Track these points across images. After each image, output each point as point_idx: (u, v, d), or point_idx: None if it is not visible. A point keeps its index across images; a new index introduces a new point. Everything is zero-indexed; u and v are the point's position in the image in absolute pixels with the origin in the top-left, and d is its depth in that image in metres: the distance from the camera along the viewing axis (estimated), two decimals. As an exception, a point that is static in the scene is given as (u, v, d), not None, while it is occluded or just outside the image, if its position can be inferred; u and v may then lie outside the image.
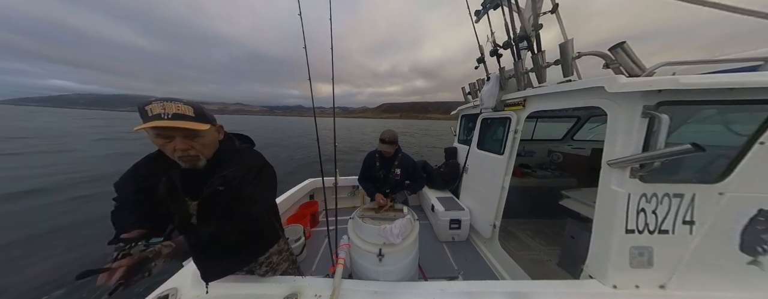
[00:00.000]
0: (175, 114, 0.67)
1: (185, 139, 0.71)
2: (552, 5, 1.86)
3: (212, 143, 0.80)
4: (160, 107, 0.66)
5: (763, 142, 0.88)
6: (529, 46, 1.64)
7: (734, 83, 0.83)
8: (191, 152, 0.73)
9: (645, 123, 0.94)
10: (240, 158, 0.88)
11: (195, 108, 0.71)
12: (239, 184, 0.83)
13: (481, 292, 0.98)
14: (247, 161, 0.89)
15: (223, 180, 0.80)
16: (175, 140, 0.70)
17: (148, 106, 0.66)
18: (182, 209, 0.81)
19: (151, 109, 0.66)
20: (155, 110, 0.65)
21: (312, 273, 1.93)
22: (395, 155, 1.85)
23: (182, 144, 0.71)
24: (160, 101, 0.67)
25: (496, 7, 1.98)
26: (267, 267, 1.09)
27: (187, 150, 0.72)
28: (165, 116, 0.66)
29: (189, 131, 0.70)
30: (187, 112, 0.69)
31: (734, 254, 0.95)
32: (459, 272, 1.90)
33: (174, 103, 0.68)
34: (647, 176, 0.96)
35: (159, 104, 0.66)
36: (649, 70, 0.99)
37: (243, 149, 0.93)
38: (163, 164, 0.79)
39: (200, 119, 0.72)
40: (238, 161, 0.86)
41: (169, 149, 0.72)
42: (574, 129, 3.24)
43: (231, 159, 0.85)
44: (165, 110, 0.66)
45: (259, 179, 0.89)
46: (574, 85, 1.26)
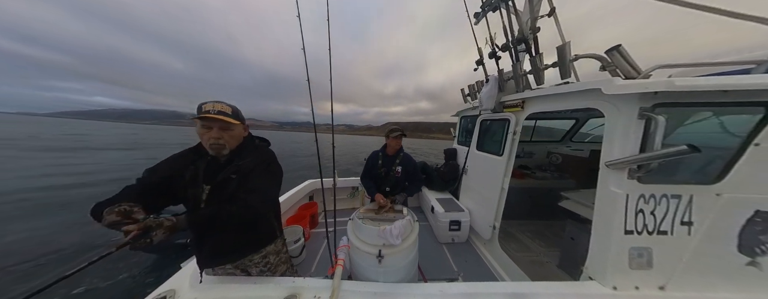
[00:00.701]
0: (219, 111, 0.89)
1: (220, 130, 0.91)
2: (549, 8, 1.89)
3: (238, 137, 0.98)
4: (212, 105, 0.89)
5: (758, 143, 0.89)
6: (527, 49, 1.66)
7: (728, 85, 0.84)
8: (220, 141, 0.91)
9: (642, 124, 0.95)
10: (256, 153, 1.03)
11: (233, 109, 0.93)
12: (248, 174, 0.97)
13: (480, 293, 0.98)
14: (260, 156, 1.04)
15: (237, 169, 0.95)
16: (213, 130, 0.90)
17: (204, 104, 0.89)
18: (197, 194, 0.93)
19: (205, 106, 0.89)
20: (207, 107, 0.88)
21: (311, 274, 1.92)
22: (397, 153, 1.88)
23: (216, 133, 0.90)
24: (212, 101, 0.91)
25: (495, 10, 2.01)
26: (264, 266, 1.10)
27: (218, 139, 0.91)
28: (213, 111, 0.88)
29: (224, 124, 0.91)
30: (227, 111, 0.91)
31: (732, 255, 0.96)
32: (459, 273, 1.89)
33: (220, 103, 0.91)
34: (645, 177, 0.96)
35: (211, 103, 0.90)
36: (645, 72, 1.00)
37: (260, 146, 1.09)
38: (195, 155, 0.96)
39: (235, 117, 0.93)
40: (253, 155, 1.01)
41: (206, 137, 0.90)
42: (572, 130, 3.26)
43: (249, 153, 1.01)
44: (213, 108, 0.89)
45: (266, 172, 1.02)
46: (571, 87, 1.28)
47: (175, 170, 0.93)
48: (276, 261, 1.14)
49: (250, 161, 0.98)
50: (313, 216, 2.62)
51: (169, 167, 0.94)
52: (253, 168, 0.97)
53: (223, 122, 0.90)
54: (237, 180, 0.95)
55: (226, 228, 0.92)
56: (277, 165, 1.06)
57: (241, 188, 0.94)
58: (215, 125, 0.90)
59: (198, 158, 0.96)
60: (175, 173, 0.92)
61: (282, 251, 1.18)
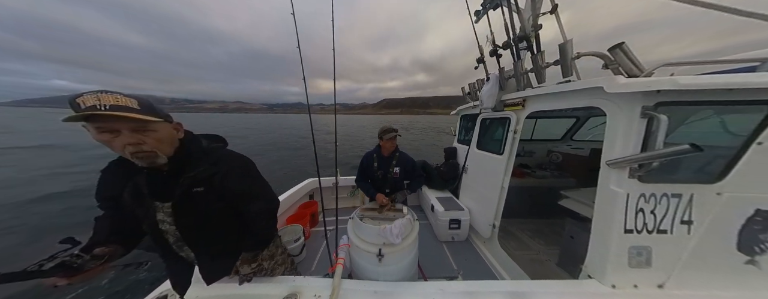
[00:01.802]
0: (113, 106, 0.57)
1: (134, 133, 0.63)
2: (551, 6, 1.87)
3: (168, 139, 0.72)
4: (94, 98, 0.56)
5: (760, 142, 0.89)
6: (528, 47, 1.64)
7: (732, 83, 0.83)
8: (145, 148, 0.65)
9: (644, 123, 0.94)
10: (210, 158, 0.83)
11: (140, 101, 0.63)
12: (224, 184, 0.81)
13: (480, 292, 0.98)
14: (222, 160, 0.85)
15: (194, 181, 0.77)
16: (122, 134, 0.62)
17: (79, 98, 0.56)
18: (149, 215, 0.76)
19: (82, 101, 0.55)
20: (88, 102, 0.55)
21: (311, 273, 1.93)
22: (393, 153, 1.85)
23: (131, 138, 0.63)
24: (94, 92, 0.58)
25: (496, 8, 1.99)
26: (259, 273, 1.08)
27: (139, 145, 0.64)
28: (101, 107, 0.56)
29: (134, 122, 0.61)
30: (130, 104, 0.60)
31: (732, 253, 0.96)
32: (458, 272, 1.90)
33: (111, 94, 0.59)
34: (646, 176, 0.96)
35: (92, 95, 0.57)
36: (648, 70, 0.99)
37: (213, 148, 0.88)
38: (127, 168, 0.73)
39: (147, 112, 0.63)
40: (209, 161, 0.82)
41: (117, 146, 0.63)
42: (573, 129, 3.25)
43: (199, 159, 0.80)
44: (100, 102, 0.56)
45: (249, 176, 0.90)
46: (573, 85, 1.27)
47: (113, 191, 0.75)
48: (271, 266, 1.11)
49: (206, 169, 0.80)
50: (313, 215, 2.62)
51: (107, 190, 0.76)
52: (226, 175, 0.82)
53: (131, 121, 0.60)
54: (207, 193, 0.79)
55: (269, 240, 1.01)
56: (251, 162, 0.94)
57: (238, 199, 0.86)
58: (121, 127, 0.61)
59: (131, 173, 0.74)
60: (114, 194, 0.75)
61: (277, 253, 1.14)
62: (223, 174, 0.82)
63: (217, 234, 0.89)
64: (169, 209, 0.78)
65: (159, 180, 0.75)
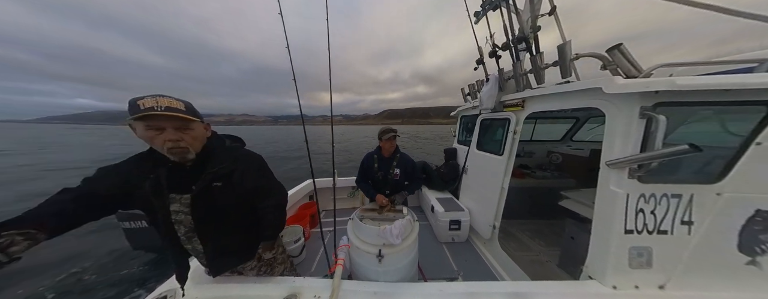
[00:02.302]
0: (168, 107, 0.69)
1: (176, 131, 0.73)
2: (550, 7, 1.88)
3: (201, 137, 0.81)
4: (153, 100, 0.68)
5: (759, 142, 0.89)
6: (527, 48, 1.65)
7: (730, 84, 0.83)
8: (181, 144, 0.74)
9: (643, 124, 0.95)
10: (231, 156, 0.90)
11: (185, 104, 0.74)
12: (243, 180, 0.89)
13: (480, 293, 0.98)
14: (241, 159, 0.93)
15: (215, 176, 0.84)
16: (166, 131, 0.71)
17: (140, 100, 0.67)
18: (164, 206, 0.81)
19: (143, 103, 0.67)
20: (148, 104, 0.67)
21: (311, 274, 1.92)
22: (393, 154, 1.85)
23: (173, 135, 0.72)
24: (153, 96, 0.69)
25: (495, 9, 2.00)
26: (259, 270, 1.11)
27: (177, 141, 0.73)
28: (158, 108, 0.67)
29: (180, 122, 0.72)
30: (179, 106, 0.71)
31: (733, 254, 0.96)
32: (459, 273, 1.89)
33: (166, 98, 0.70)
34: (645, 177, 0.96)
35: (151, 98, 0.68)
36: (647, 71, 1.00)
37: (233, 147, 0.97)
38: (151, 163, 0.80)
39: (191, 113, 0.74)
40: (229, 159, 0.89)
41: (158, 142, 0.72)
42: (573, 130, 3.25)
43: (221, 156, 0.88)
44: (158, 104, 0.68)
45: (264, 174, 1.00)
46: (572, 86, 1.27)
47: (130, 180, 0.77)
48: (272, 264, 1.14)
49: (227, 166, 0.87)
50: (313, 216, 2.62)
51: (123, 179, 0.77)
52: (244, 173, 0.90)
53: (178, 120, 0.71)
54: (226, 188, 0.85)
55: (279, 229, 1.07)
56: (265, 161, 1.02)
57: (255, 196, 0.95)
58: (168, 125, 0.71)
59: (156, 166, 0.79)
60: (132, 183, 0.77)
61: (278, 252, 1.18)
62: (242, 171, 0.90)
63: (227, 229, 0.94)
64: (186, 201, 0.82)
65: (180, 175, 0.81)
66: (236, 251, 1.01)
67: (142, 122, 0.68)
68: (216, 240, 0.92)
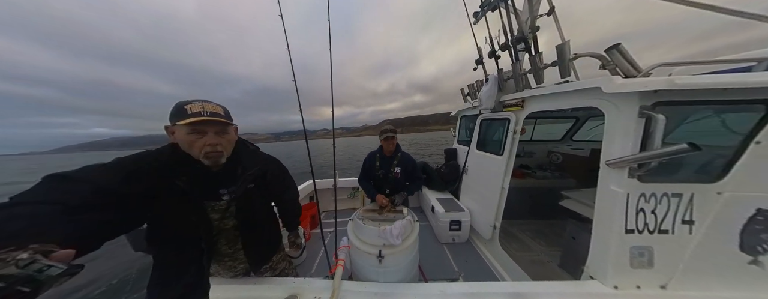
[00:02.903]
0: (212, 112, 0.74)
1: (216, 135, 0.76)
2: (549, 8, 1.89)
3: (233, 141, 0.85)
4: (200, 106, 0.72)
5: (759, 141, 0.89)
6: (526, 48, 1.66)
7: (729, 83, 0.84)
8: (219, 148, 0.77)
9: (642, 123, 0.95)
10: (258, 158, 1.00)
11: (224, 109, 0.79)
12: (273, 180, 1.02)
13: (481, 293, 0.98)
14: (268, 161, 1.05)
15: (250, 178, 0.91)
16: (207, 135, 0.74)
17: (188, 105, 0.71)
18: (203, 214, 0.81)
19: (191, 108, 0.71)
20: (195, 109, 0.71)
21: (312, 275, 1.92)
22: (395, 153, 1.86)
23: (213, 139, 0.75)
24: (198, 101, 0.74)
25: (494, 10, 2.01)
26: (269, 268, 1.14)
27: (216, 145, 0.76)
28: (204, 113, 0.72)
29: (222, 126, 0.77)
30: (220, 111, 0.77)
31: (734, 253, 0.95)
32: (459, 273, 1.89)
33: (210, 103, 0.75)
34: (645, 176, 0.96)
35: (198, 103, 0.73)
36: (645, 71, 1.00)
37: (255, 150, 1.03)
38: (174, 167, 0.74)
39: (229, 119, 0.79)
40: (257, 161, 0.97)
41: (198, 145, 0.73)
42: (573, 130, 3.25)
43: (249, 159, 0.94)
44: (204, 109, 0.73)
45: (285, 172, 1.14)
46: (571, 86, 1.28)
47: (151, 186, 0.69)
48: (277, 259, 1.19)
49: (260, 169, 0.95)
50: (313, 217, 2.62)
51: (145, 183, 0.67)
52: (269, 173, 1.01)
53: (219, 125, 0.75)
54: (257, 188, 0.94)
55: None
56: (287, 169, 1.16)
57: (282, 191, 1.12)
58: (210, 129, 0.73)
59: (178, 171, 0.74)
60: (149, 187, 0.68)
61: (281, 250, 1.24)
62: (274, 173, 1.03)
63: (261, 225, 1.04)
64: (222, 206, 0.86)
65: (205, 180, 0.81)
66: (268, 242, 1.10)
67: (186, 126, 0.70)
68: (255, 237, 0.99)
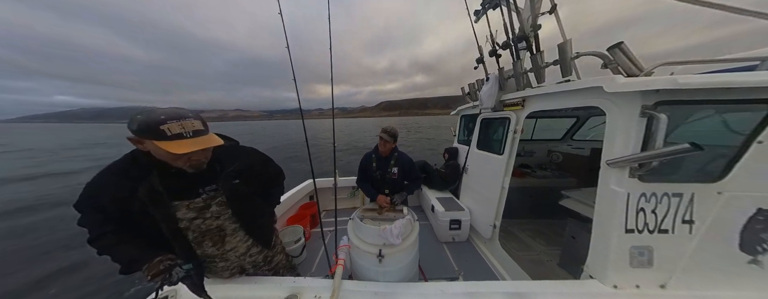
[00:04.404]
0: (195, 131, 0.70)
1: (202, 152, 0.76)
2: (551, 6, 1.87)
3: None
4: (179, 126, 0.66)
5: (761, 141, 0.88)
6: (527, 47, 1.65)
7: (732, 82, 0.83)
8: (202, 159, 0.79)
9: (643, 123, 0.94)
10: (238, 153, 0.99)
11: (201, 120, 0.74)
12: (261, 172, 1.05)
13: (481, 293, 0.98)
14: (250, 154, 1.05)
15: (234, 175, 0.91)
16: (197, 154, 0.74)
17: (164, 126, 0.65)
18: (169, 214, 0.79)
19: (169, 129, 0.65)
20: (175, 130, 0.65)
21: (312, 274, 1.92)
22: (392, 154, 1.85)
23: (200, 156, 0.77)
24: (174, 119, 0.66)
25: (495, 8, 1.99)
26: (263, 260, 1.15)
27: (201, 158, 0.78)
28: (187, 134, 0.68)
29: (209, 145, 0.73)
30: (200, 126, 0.72)
31: (734, 253, 0.95)
32: (459, 272, 1.89)
33: (188, 120, 0.69)
34: (646, 176, 0.96)
35: (176, 123, 0.66)
36: (647, 70, 0.99)
37: (233, 146, 1.00)
38: (140, 171, 0.75)
39: (208, 129, 0.76)
40: (238, 156, 0.97)
41: (181, 161, 0.73)
42: (573, 129, 3.24)
43: (229, 156, 0.93)
44: (185, 129, 0.67)
45: (268, 163, 1.13)
46: (572, 85, 1.27)
47: (120, 194, 0.73)
48: (272, 253, 1.20)
49: (241, 164, 0.94)
50: (313, 216, 2.62)
51: (111, 195, 0.73)
52: (253, 167, 1.01)
53: (209, 145, 0.72)
54: (243, 183, 0.93)
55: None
56: (274, 164, 1.17)
57: (268, 182, 1.12)
58: (200, 151, 0.72)
59: (146, 173, 0.75)
60: (122, 196, 0.73)
61: (278, 243, 1.26)
62: (259, 164, 1.05)
63: (253, 218, 1.03)
64: (199, 204, 0.84)
65: (178, 181, 0.80)
66: (261, 237, 1.10)
67: (167, 150, 0.65)
68: (259, 227, 1.04)
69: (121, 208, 0.74)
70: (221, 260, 0.99)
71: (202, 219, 0.86)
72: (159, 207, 0.77)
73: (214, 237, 0.92)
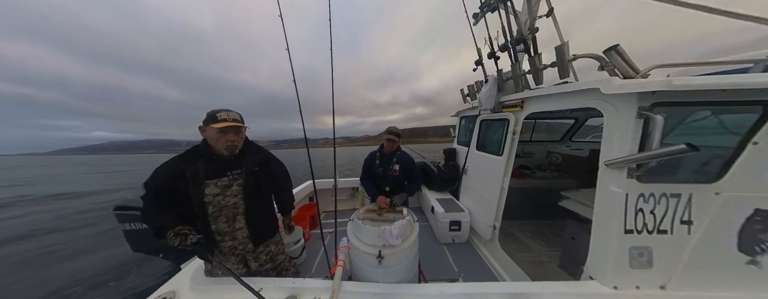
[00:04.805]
0: (234, 119, 1.05)
1: (235, 134, 1.07)
2: (548, 9, 1.90)
3: (244, 138, 1.16)
4: (226, 114, 1.04)
5: (756, 142, 0.89)
6: (526, 49, 1.66)
7: (726, 84, 0.84)
8: (236, 143, 1.09)
9: (640, 124, 0.95)
10: (259, 149, 1.27)
11: (240, 115, 1.09)
12: (273, 166, 1.31)
13: (481, 294, 0.98)
14: (266, 151, 1.31)
15: (257, 162, 1.20)
16: (229, 134, 1.05)
17: (218, 113, 1.03)
18: (200, 191, 1.04)
19: (220, 115, 1.03)
20: (223, 116, 1.03)
21: (311, 275, 1.91)
22: (395, 152, 1.89)
23: (234, 136, 1.07)
24: (225, 110, 1.06)
25: (494, 11, 2.02)
26: (266, 255, 1.26)
27: (234, 141, 1.08)
28: (229, 119, 1.03)
29: (240, 129, 1.09)
30: (238, 117, 1.08)
31: (732, 254, 0.96)
32: (459, 274, 1.89)
33: (232, 112, 1.06)
34: (644, 177, 0.97)
35: (225, 112, 1.05)
36: (644, 71, 1.00)
37: (259, 146, 1.28)
38: (194, 157, 1.06)
39: (243, 122, 1.10)
40: (259, 151, 1.25)
41: (223, 140, 1.05)
42: (572, 130, 3.26)
43: (254, 149, 1.23)
44: (229, 116, 1.04)
45: (281, 162, 1.39)
46: (570, 86, 1.28)
47: (174, 173, 1.02)
48: (276, 250, 1.32)
49: (262, 156, 1.24)
50: (313, 217, 2.62)
51: (168, 173, 1.02)
52: (269, 161, 1.28)
53: (240, 128, 1.08)
54: (261, 172, 1.20)
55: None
56: (284, 168, 1.43)
57: (274, 175, 1.32)
58: (232, 131, 1.05)
59: (196, 159, 1.06)
60: (175, 175, 1.02)
61: (280, 242, 1.38)
62: (272, 160, 1.32)
63: (262, 203, 1.24)
64: (224, 182, 1.08)
65: (217, 165, 1.09)
66: (267, 221, 1.28)
67: (216, 128, 1.01)
68: (256, 213, 1.18)
69: (170, 186, 1.01)
70: (230, 238, 1.12)
71: (222, 196, 1.08)
72: (195, 184, 1.03)
73: (229, 213, 1.10)
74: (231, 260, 1.15)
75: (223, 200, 1.08)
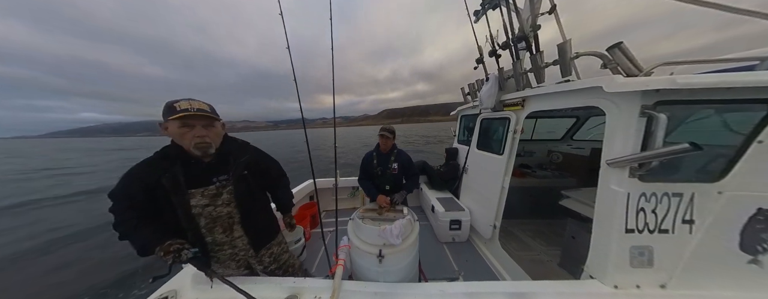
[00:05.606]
0: (199, 109, 0.84)
1: (203, 128, 0.87)
2: (550, 6, 1.87)
3: (220, 135, 0.97)
4: (187, 103, 0.83)
5: (761, 140, 0.88)
6: (527, 47, 1.65)
7: (731, 82, 0.83)
8: (206, 140, 0.88)
9: (643, 123, 0.94)
10: (247, 149, 1.10)
11: (210, 106, 0.90)
12: (264, 164, 1.16)
13: (481, 293, 0.98)
14: (257, 151, 1.15)
15: (245, 165, 1.02)
16: (196, 128, 0.85)
17: (176, 103, 0.83)
18: (185, 201, 0.89)
19: (179, 105, 0.82)
20: (183, 106, 0.83)
21: (312, 275, 1.92)
22: (392, 150, 1.88)
23: (201, 132, 0.86)
24: (186, 99, 0.85)
25: (495, 8, 1.99)
26: (269, 258, 1.21)
27: (203, 137, 0.87)
28: (192, 109, 0.83)
29: (208, 120, 0.88)
30: (206, 108, 0.87)
31: (734, 253, 0.95)
32: (459, 273, 1.89)
33: (196, 101, 0.86)
34: (646, 176, 0.96)
35: (185, 101, 0.84)
36: (647, 69, 0.99)
37: (244, 143, 1.12)
38: (166, 161, 0.89)
39: (214, 114, 0.89)
40: (245, 150, 1.07)
41: (188, 138, 0.85)
42: (573, 129, 3.24)
43: (239, 149, 1.05)
44: (191, 106, 0.83)
45: (274, 160, 1.25)
46: (572, 85, 1.27)
47: (147, 181, 0.85)
48: (279, 251, 1.26)
49: (249, 156, 1.05)
50: (313, 216, 2.62)
51: (141, 183, 0.85)
52: (260, 161, 1.13)
53: (207, 119, 0.86)
54: (250, 175, 1.03)
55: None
56: (278, 166, 1.28)
57: (267, 177, 1.17)
58: (198, 123, 0.85)
59: (171, 164, 0.87)
60: (149, 184, 0.85)
61: (283, 241, 1.34)
62: (262, 159, 1.16)
63: (258, 207, 1.12)
64: (212, 191, 0.94)
65: (197, 171, 0.92)
66: (266, 224, 1.19)
67: (177, 121, 0.82)
68: (253, 218, 1.07)
69: (147, 196, 0.85)
70: (230, 247, 1.04)
71: (213, 206, 0.94)
72: (177, 194, 0.88)
73: (225, 224, 0.99)
74: (232, 265, 1.08)
75: (215, 211, 0.95)
